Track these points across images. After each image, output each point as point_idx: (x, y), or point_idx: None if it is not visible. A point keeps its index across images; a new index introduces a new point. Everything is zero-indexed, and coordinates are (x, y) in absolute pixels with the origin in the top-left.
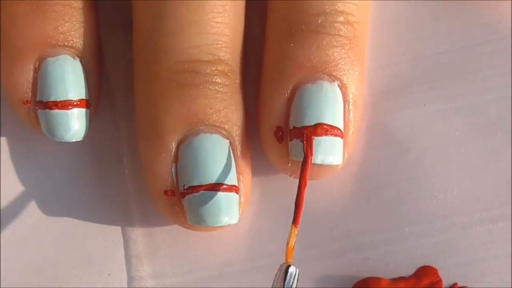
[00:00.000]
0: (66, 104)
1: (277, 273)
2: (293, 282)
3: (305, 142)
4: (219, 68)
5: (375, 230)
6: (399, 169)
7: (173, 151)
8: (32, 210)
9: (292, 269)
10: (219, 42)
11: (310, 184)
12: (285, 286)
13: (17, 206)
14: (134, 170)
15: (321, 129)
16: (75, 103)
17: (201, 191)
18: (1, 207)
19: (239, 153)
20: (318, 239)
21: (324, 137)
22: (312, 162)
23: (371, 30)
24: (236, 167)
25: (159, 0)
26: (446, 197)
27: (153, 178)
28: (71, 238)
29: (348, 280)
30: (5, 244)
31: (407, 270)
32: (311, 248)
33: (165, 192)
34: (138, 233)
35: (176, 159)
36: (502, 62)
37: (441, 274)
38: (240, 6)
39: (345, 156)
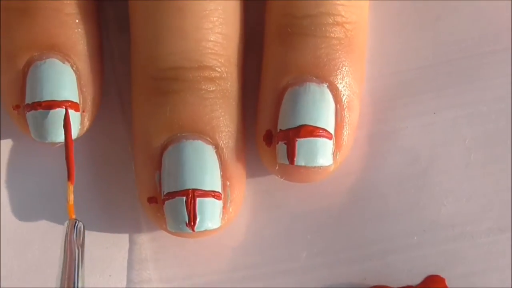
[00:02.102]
0: (50, 104)
1: (66, 231)
2: (82, 238)
3: (288, 144)
4: (203, 74)
5: (382, 239)
6: (408, 177)
7: (157, 158)
8: (34, 211)
9: (79, 225)
10: (201, 48)
11: (317, 192)
12: (76, 242)
13: (18, 206)
14: None
15: (305, 131)
16: (61, 104)
17: (177, 197)
18: (2, 207)
19: (226, 159)
20: (326, 247)
21: (308, 139)
22: (295, 164)
23: (380, 38)
24: (222, 173)
25: (146, 6)
26: (455, 206)
27: (139, 184)
28: None
29: None
30: (6, 244)
31: (415, 279)
32: (319, 256)
33: (148, 199)
34: (145, 238)
35: (159, 166)
36: (511, 70)
37: (449, 283)
38: (231, 11)
39: (338, 158)
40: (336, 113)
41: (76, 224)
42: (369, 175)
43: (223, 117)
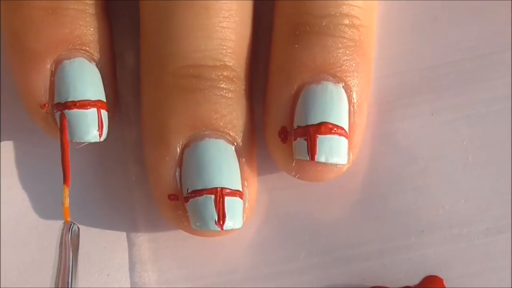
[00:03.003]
0: (85, 104)
1: (60, 234)
2: (77, 241)
3: (308, 140)
4: (224, 73)
5: (381, 239)
6: (406, 178)
7: (178, 155)
8: (33, 211)
9: (74, 227)
10: (224, 47)
11: (316, 192)
12: (71, 245)
13: (18, 206)
14: (140, 176)
15: (325, 127)
16: (94, 104)
17: (204, 195)
18: (1, 207)
19: (244, 159)
20: (324, 247)
21: (328, 136)
22: (316, 160)
23: (379, 39)
24: (241, 173)
25: (165, 3)
26: (453, 207)
27: (158, 182)
28: None
29: None
30: (5, 244)
31: (413, 279)
32: (317, 256)
33: (169, 196)
34: (143, 239)
35: (180, 163)
36: (510, 72)
37: (447, 284)
38: (247, 11)
39: (351, 158)
40: (349, 113)
41: (71, 227)
42: (368, 175)
43: (241, 116)
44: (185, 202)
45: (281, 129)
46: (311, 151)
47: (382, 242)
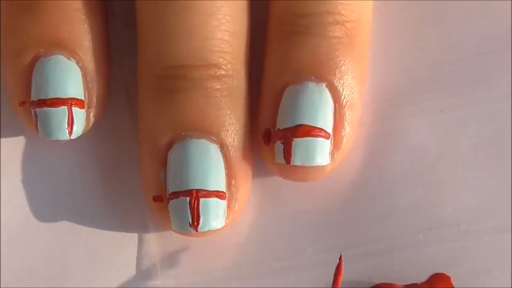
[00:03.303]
0: (55, 102)
1: None
2: None
3: (285, 144)
4: (208, 72)
5: (388, 236)
6: (414, 175)
7: (162, 157)
8: (34, 210)
9: None
10: (208, 46)
11: (323, 188)
12: None
13: (19, 205)
14: None
15: (303, 130)
16: (66, 102)
17: (180, 197)
18: (2, 206)
19: (231, 157)
20: (331, 244)
21: (305, 139)
22: (291, 164)
23: (388, 36)
24: (227, 172)
25: (151, 5)
26: (461, 204)
27: (145, 183)
28: (81, 234)
29: (361, 286)
30: (6, 244)
31: (420, 276)
32: (324, 253)
33: (153, 198)
34: (152, 235)
35: (164, 164)
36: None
37: (454, 281)
38: (237, 8)
39: (336, 157)
40: (335, 112)
41: None
42: (376, 172)
43: (229, 115)
44: (167, 203)
45: (264, 131)
46: (287, 155)
47: (389, 239)
